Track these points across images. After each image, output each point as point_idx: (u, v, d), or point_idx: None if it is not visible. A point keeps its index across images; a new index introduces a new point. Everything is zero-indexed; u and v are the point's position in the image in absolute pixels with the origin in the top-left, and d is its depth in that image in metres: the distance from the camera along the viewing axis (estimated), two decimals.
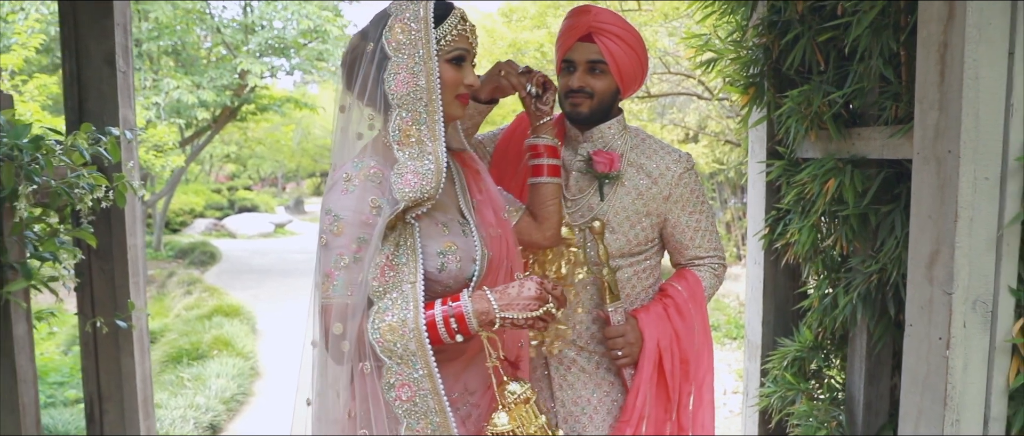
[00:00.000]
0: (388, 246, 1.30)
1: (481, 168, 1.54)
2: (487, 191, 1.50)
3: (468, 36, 1.36)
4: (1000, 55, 1.53)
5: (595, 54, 1.66)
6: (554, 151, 1.57)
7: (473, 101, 1.57)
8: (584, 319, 1.75)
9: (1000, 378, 1.61)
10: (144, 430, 2.48)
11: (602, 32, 1.66)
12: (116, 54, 2.28)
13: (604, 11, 1.71)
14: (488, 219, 1.45)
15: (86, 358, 2.40)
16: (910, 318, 1.70)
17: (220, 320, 5.77)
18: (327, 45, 9.37)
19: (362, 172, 1.30)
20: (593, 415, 1.77)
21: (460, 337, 1.26)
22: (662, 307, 1.74)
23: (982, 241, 1.57)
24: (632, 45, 1.69)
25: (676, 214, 1.76)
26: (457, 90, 1.36)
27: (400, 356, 1.24)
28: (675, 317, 1.74)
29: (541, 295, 1.28)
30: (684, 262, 1.84)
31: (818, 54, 2.13)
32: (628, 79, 1.71)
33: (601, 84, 1.69)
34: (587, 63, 1.67)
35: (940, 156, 1.60)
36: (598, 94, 1.69)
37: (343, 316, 1.26)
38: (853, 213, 2.02)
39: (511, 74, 1.54)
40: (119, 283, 2.36)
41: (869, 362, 2.15)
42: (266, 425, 3.83)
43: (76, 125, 2.22)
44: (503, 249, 1.45)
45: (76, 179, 1.78)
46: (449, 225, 1.38)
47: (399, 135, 1.30)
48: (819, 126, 2.12)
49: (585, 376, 1.77)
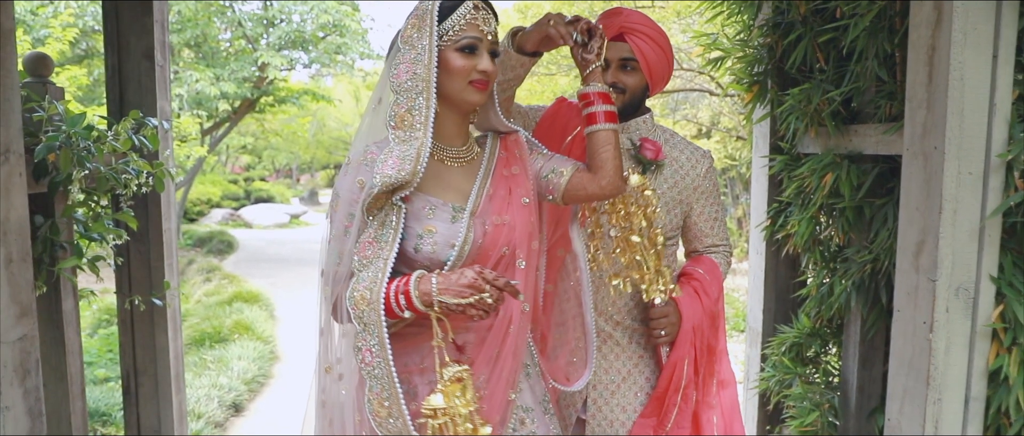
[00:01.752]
0: (375, 224, 1.41)
1: (522, 151, 1.56)
2: (515, 176, 1.52)
3: (480, 24, 1.42)
4: (984, 58, 1.63)
5: (627, 52, 1.78)
6: (607, 97, 1.52)
7: (519, 53, 1.60)
8: (628, 297, 1.86)
9: (980, 360, 1.72)
10: (176, 403, 2.63)
11: (633, 32, 1.77)
12: (154, 49, 2.42)
13: (635, 12, 1.83)
14: (496, 208, 1.49)
15: (123, 335, 2.55)
16: (898, 304, 1.81)
17: (240, 306, 5.95)
18: (345, 39, 9.53)
19: (359, 155, 1.44)
20: (620, 385, 1.89)
21: (408, 313, 1.34)
22: (693, 289, 1.86)
23: (965, 232, 1.68)
24: (660, 44, 1.80)
25: (701, 204, 1.90)
26: (470, 77, 1.42)
27: (365, 323, 1.36)
28: (703, 297, 1.87)
29: (475, 283, 1.32)
30: (702, 249, 1.97)
31: (819, 54, 2.24)
32: (657, 76, 1.82)
33: (632, 80, 1.80)
34: (619, 61, 1.79)
35: (927, 152, 1.71)
36: (629, 89, 1.81)
37: (331, 281, 1.45)
38: (849, 206, 2.13)
39: (558, 24, 1.54)
40: (154, 264, 2.51)
41: (862, 348, 2.25)
42: (286, 405, 3.99)
43: (118, 115, 2.37)
44: (503, 238, 1.47)
45: (124, 165, 1.92)
46: (438, 209, 1.44)
47: (394, 120, 1.41)
48: (819, 123, 2.22)
49: (619, 349, 1.89)
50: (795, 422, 2.39)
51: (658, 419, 1.86)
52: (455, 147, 1.52)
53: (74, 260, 1.88)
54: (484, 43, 1.43)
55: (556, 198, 1.55)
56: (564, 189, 1.52)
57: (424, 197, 1.44)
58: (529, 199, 1.52)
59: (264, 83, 9.22)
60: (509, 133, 1.59)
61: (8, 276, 1.56)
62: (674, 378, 1.82)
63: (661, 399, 1.84)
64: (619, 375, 1.89)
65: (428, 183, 1.45)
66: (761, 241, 2.60)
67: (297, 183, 29.80)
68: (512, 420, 1.55)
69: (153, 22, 2.41)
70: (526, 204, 1.51)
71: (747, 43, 2.50)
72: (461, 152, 1.52)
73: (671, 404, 1.84)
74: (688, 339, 1.81)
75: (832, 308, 2.27)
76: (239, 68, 8.82)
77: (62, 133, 1.72)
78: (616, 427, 1.88)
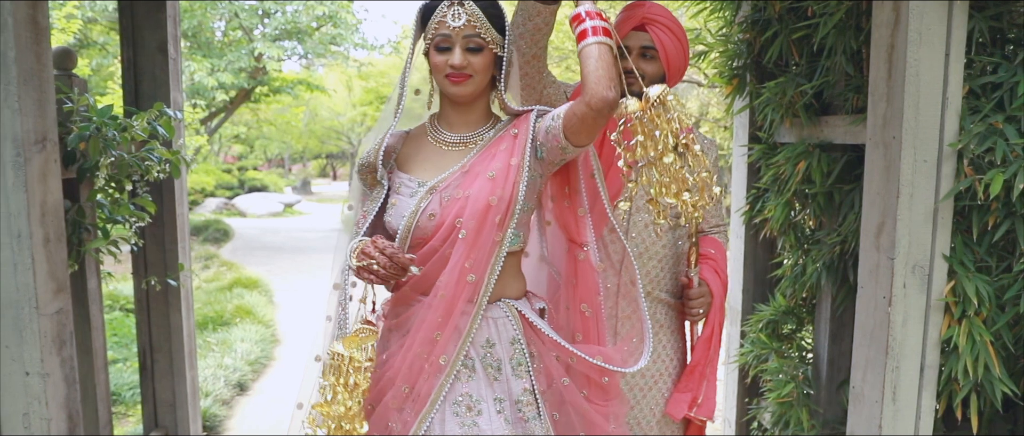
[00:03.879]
0: (371, 196, 1.65)
1: (527, 124, 1.58)
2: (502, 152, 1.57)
3: (449, 21, 1.52)
4: (938, 56, 1.79)
5: (647, 41, 1.90)
6: (597, 14, 1.46)
7: (539, 2, 1.63)
8: (657, 269, 1.98)
9: (934, 332, 1.88)
10: (189, 379, 2.78)
11: (653, 22, 1.90)
12: (168, 43, 2.56)
13: (656, 5, 1.95)
14: (464, 183, 1.55)
15: (139, 314, 2.69)
16: (861, 280, 1.98)
17: (240, 291, 6.10)
18: (339, 29, 9.64)
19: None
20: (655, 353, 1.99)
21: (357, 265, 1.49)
22: (711, 268, 2.00)
23: (920, 215, 1.84)
24: (679, 37, 1.93)
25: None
26: (445, 71, 1.55)
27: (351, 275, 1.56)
28: (721, 274, 2.02)
29: (366, 250, 1.47)
30: (707, 229, 2.11)
31: (793, 50, 2.39)
32: (674, 66, 1.94)
33: (651, 68, 1.93)
34: (639, 49, 1.91)
35: (887, 141, 1.87)
36: (648, 76, 1.92)
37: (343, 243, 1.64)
38: (820, 191, 2.29)
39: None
40: (168, 247, 2.66)
41: (833, 324, 2.42)
42: (289, 385, 4.14)
43: (133, 105, 2.51)
44: (455, 210, 1.53)
45: (147, 152, 2.07)
46: (405, 185, 1.61)
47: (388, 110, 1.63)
48: (793, 114, 2.38)
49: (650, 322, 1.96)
50: (772, 394, 2.56)
51: (693, 394, 1.98)
52: (457, 133, 1.65)
53: (101, 241, 2.02)
54: (456, 39, 1.53)
55: (564, 145, 1.51)
56: (562, 127, 1.49)
57: (400, 175, 1.64)
58: (496, 173, 1.54)
59: (260, 73, 9.33)
60: (524, 112, 1.62)
61: (46, 254, 1.70)
62: (712, 350, 1.96)
63: (692, 372, 1.97)
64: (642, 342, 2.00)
65: (411, 163, 1.64)
66: (741, 225, 2.77)
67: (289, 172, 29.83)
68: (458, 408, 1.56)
69: (166, 17, 2.54)
70: (491, 177, 1.54)
71: (728, 38, 2.66)
72: (464, 137, 1.65)
73: (701, 377, 1.96)
74: (717, 314, 1.96)
75: (805, 287, 2.43)
76: (236, 59, 8.92)
77: (92, 123, 1.86)
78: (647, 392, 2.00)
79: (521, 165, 1.54)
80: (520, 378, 1.58)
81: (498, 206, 1.51)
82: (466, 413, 1.53)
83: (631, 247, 1.88)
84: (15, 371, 1.71)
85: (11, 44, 1.59)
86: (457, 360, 1.56)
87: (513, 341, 1.59)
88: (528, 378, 1.59)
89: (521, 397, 1.57)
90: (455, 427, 1.51)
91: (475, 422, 1.52)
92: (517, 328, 1.60)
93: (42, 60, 1.69)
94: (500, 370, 1.58)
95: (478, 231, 1.51)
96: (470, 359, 1.57)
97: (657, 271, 1.98)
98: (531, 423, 1.56)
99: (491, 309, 1.59)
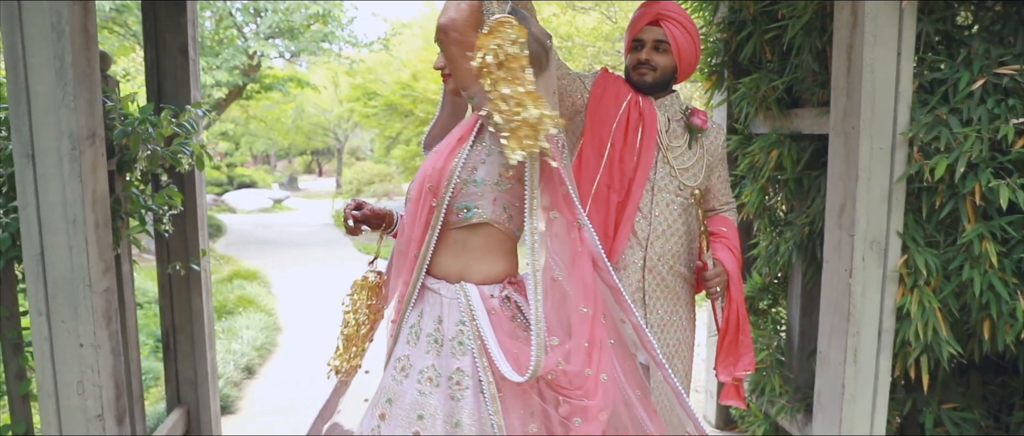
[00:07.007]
0: None
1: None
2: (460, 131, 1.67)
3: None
4: (891, 55, 2.02)
5: (660, 35, 2.06)
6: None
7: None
8: (678, 246, 2.11)
9: (889, 300, 2.12)
10: (209, 359, 2.97)
11: (667, 18, 2.06)
12: (188, 45, 2.74)
13: (671, 3, 2.09)
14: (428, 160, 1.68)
15: (163, 298, 2.88)
16: (826, 256, 2.21)
17: (241, 282, 6.26)
18: (330, 27, 9.78)
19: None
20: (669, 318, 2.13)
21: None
22: (724, 246, 2.13)
23: (877, 196, 2.07)
24: (691, 33, 2.08)
25: (718, 169, 2.20)
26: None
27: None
28: (735, 251, 2.15)
29: (346, 208, 1.83)
30: (718, 207, 2.24)
31: (766, 48, 2.62)
32: (685, 60, 2.08)
33: (663, 60, 2.08)
34: (653, 42, 2.07)
35: (847, 131, 2.10)
36: (660, 68, 2.08)
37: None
38: (791, 178, 2.52)
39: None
40: (190, 235, 2.84)
41: (803, 298, 2.66)
42: (293, 369, 4.34)
43: (156, 103, 2.69)
44: (425, 179, 1.63)
45: (179, 146, 2.26)
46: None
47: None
48: (766, 107, 2.61)
49: (672, 294, 2.13)
50: None
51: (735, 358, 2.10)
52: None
53: (140, 227, 2.21)
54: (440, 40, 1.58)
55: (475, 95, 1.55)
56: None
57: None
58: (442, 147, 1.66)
59: (254, 71, 9.46)
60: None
61: (96, 238, 1.90)
62: (741, 317, 2.08)
63: (724, 338, 2.09)
64: (675, 314, 2.14)
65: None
66: None
67: (275, 169, 29.83)
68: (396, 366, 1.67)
69: (186, 21, 2.73)
70: (437, 151, 1.67)
71: (707, 37, 2.88)
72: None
73: (734, 342, 2.08)
74: (737, 287, 2.10)
75: (778, 265, 2.67)
76: (231, 57, 9.05)
77: (134, 119, 2.05)
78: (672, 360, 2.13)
79: (466, 137, 1.62)
80: (456, 357, 1.60)
81: (432, 175, 1.61)
82: (399, 373, 1.65)
83: (655, 226, 2.06)
84: (70, 343, 1.90)
85: (68, 49, 1.78)
86: (404, 326, 1.68)
87: (459, 322, 1.62)
88: (470, 358, 1.59)
89: (454, 374, 1.60)
90: (388, 381, 1.68)
91: (400, 381, 1.64)
92: (465, 313, 1.62)
93: (92, 63, 1.88)
94: (442, 346, 1.63)
95: (416, 200, 1.63)
96: (419, 329, 1.66)
97: (677, 247, 2.12)
98: (462, 401, 1.58)
99: (445, 288, 1.65)
